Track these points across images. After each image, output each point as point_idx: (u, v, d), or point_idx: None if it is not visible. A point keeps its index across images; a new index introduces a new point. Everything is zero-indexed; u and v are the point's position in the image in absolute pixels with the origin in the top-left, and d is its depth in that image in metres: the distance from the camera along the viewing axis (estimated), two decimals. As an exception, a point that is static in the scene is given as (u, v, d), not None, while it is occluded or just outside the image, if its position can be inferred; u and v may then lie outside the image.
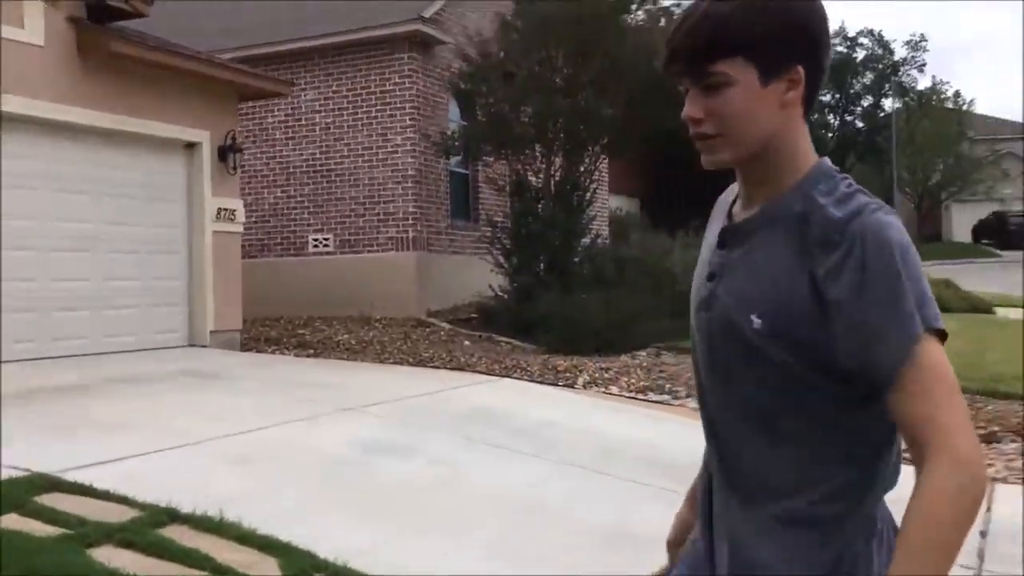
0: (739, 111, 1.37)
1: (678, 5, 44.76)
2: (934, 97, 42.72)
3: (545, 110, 11.64)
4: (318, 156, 13.32)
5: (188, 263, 9.90)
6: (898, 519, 1.31)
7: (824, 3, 1.42)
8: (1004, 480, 5.86)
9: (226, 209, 10.10)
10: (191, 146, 9.88)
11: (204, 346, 9.82)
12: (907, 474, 1.36)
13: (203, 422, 6.08)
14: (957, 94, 43.46)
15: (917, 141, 40.29)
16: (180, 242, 9.87)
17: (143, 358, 8.79)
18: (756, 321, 1.37)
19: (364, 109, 13.02)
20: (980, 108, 44.81)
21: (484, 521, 4.60)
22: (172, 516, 4.07)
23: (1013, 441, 6.79)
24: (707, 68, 1.37)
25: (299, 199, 13.47)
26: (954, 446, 1.23)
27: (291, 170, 13.49)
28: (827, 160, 1.44)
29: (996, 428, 7.11)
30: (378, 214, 12.96)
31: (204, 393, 7.30)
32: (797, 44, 1.37)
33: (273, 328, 12.09)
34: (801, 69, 1.37)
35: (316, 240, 13.33)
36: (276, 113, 13.45)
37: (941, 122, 40.54)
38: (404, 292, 12.68)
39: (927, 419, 1.25)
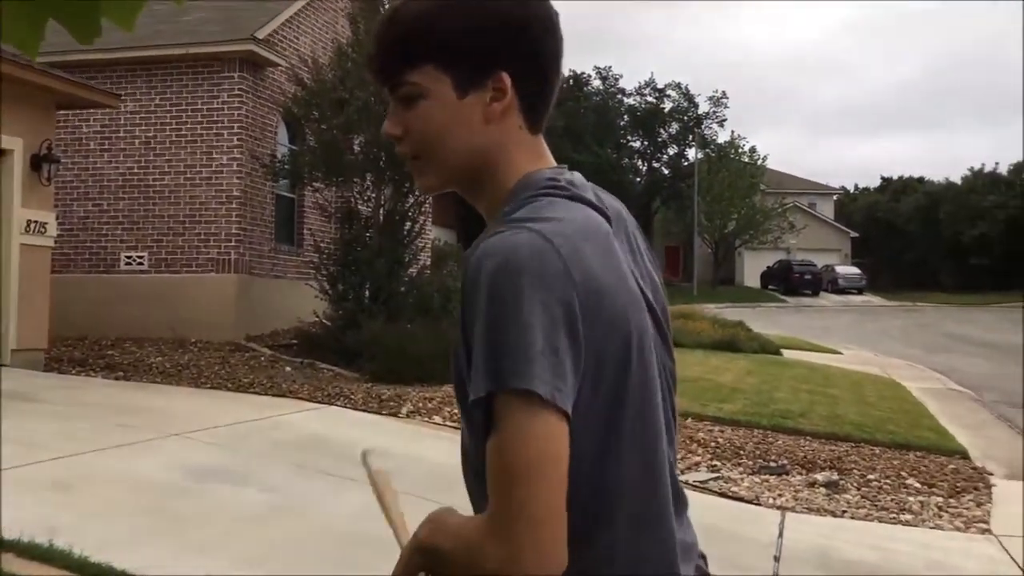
0: (435, 127, 1.18)
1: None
2: (732, 151, 45.91)
3: (377, 140, 11.76)
4: (136, 171, 12.80)
5: (-9, 276, 9.30)
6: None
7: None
8: (792, 510, 6.52)
9: (36, 222, 9.57)
10: (1, 153, 9.33)
11: (4, 365, 9.22)
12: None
13: (16, 447, 5.77)
14: (753, 149, 46.96)
15: (716, 190, 43.16)
16: (-17, 254, 9.27)
17: (-64, 377, 8.17)
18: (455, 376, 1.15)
19: (189, 126, 12.66)
20: (771, 163, 48.42)
21: (321, 552, 4.66)
22: (-4, 545, 3.92)
23: (800, 474, 7.53)
24: (398, 78, 1.19)
25: (112, 214, 12.88)
26: (486, 544, 1.02)
27: (105, 183, 12.89)
28: (540, 172, 1.19)
29: (785, 461, 7.85)
30: (199, 234, 12.61)
31: (13, 417, 6.90)
32: (497, 48, 1.16)
33: (78, 348, 11.48)
34: (507, 76, 1.16)
35: (129, 258, 12.79)
36: (92, 123, 12.84)
37: (737, 174, 43.64)
38: (222, 315, 12.37)
39: (488, 508, 1.04)
